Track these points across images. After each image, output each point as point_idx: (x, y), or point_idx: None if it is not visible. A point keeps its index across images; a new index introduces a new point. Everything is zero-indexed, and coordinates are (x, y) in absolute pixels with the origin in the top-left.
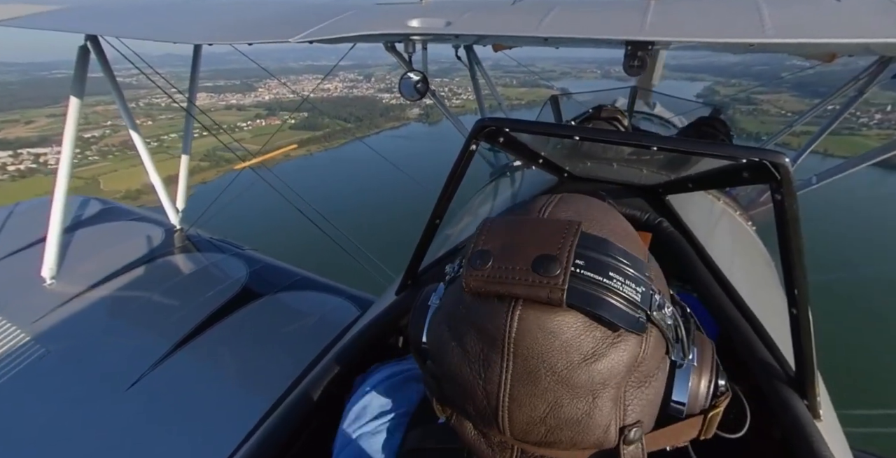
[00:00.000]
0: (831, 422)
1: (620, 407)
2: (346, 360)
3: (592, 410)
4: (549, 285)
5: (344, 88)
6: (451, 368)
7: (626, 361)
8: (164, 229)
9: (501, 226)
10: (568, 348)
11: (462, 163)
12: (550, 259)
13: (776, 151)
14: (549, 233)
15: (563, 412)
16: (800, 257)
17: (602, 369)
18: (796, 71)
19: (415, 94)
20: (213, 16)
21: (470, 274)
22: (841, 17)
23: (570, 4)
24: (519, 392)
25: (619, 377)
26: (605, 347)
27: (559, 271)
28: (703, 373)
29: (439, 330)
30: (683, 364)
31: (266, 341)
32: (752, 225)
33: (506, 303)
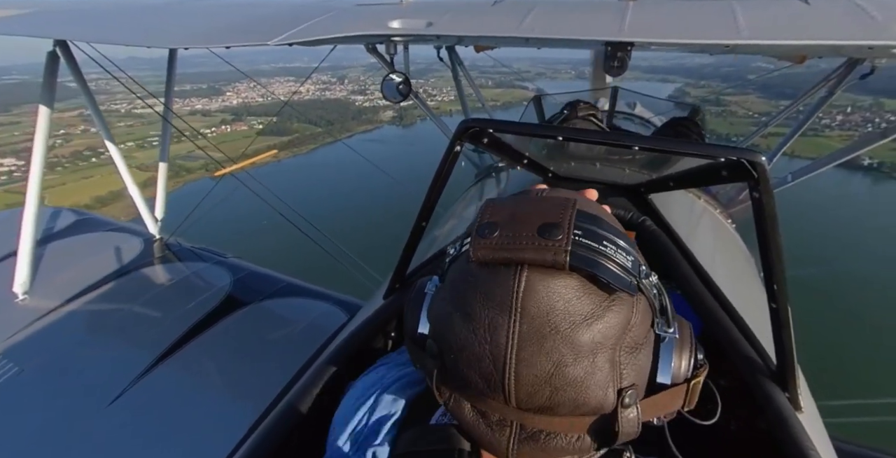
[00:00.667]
0: (812, 413)
1: (617, 370)
2: (334, 366)
3: (593, 369)
4: (554, 248)
5: (317, 91)
6: (456, 338)
7: (620, 322)
8: (143, 239)
9: (505, 202)
10: (570, 308)
11: (447, 164)
12: (554, 226)
13: (753, 151)
14: (550, 206)
15: (566, 372)
16: (778, 252)
17: (601, 329)
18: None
19: (397, 95)
20: (188, 19)
21: (478, 244)
22: (811, 20)
23: (550, 5)
24: (525, 352)
25: (615, 339)
26: (602, 309)
27: (562, 236)
28: (684, 347)
29: (443, 307)
30: (666, 338)
31: (252, 350)
32: (732, 223)
33: (512, 268)
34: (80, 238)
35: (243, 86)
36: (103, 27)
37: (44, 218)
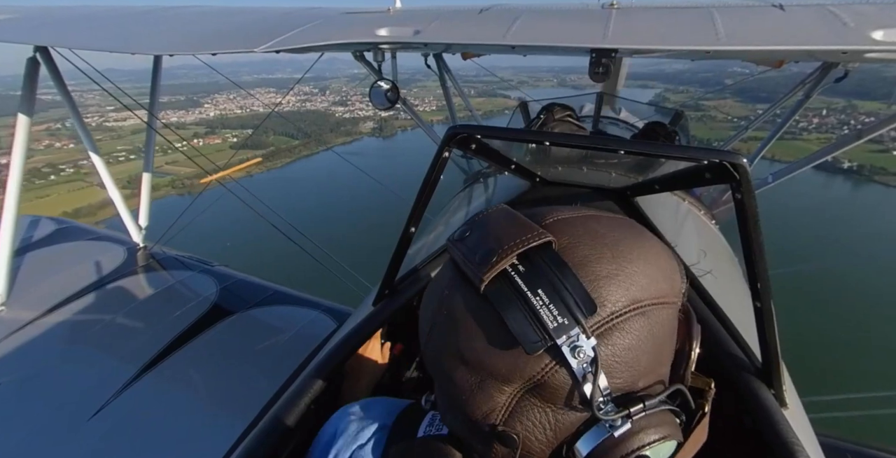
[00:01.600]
0: (797, 409)
1: (507, 408)
2: (324, 375)
3: (477, 392)
4: (478, 272)
5: (297, 102)
6: (420, 328)
7: (515, 369)
8: (126, 247)
9: (501, 214)
10: (471, 330)
11: (435, 170)
12: (493, 252)
13: (734, 153)
14: (518, 230)
15: (456, 376)
16: (761, 252)
17: (491, 364)
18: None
19: (385, 102)
20: (174, 26)
21: (451, 243)
22: (787, 26)
23: (536, 13)
24: (434, 336)
25: (507, 381)
26: (498, 347)
27: (491, 263)
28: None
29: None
30: (608, 423)
31: (239, 359)
32: (716, 223)
33: (458, 272)
34: (60, 247)
35: (222, 97)
36: (86, 33)
37: (22, 227)
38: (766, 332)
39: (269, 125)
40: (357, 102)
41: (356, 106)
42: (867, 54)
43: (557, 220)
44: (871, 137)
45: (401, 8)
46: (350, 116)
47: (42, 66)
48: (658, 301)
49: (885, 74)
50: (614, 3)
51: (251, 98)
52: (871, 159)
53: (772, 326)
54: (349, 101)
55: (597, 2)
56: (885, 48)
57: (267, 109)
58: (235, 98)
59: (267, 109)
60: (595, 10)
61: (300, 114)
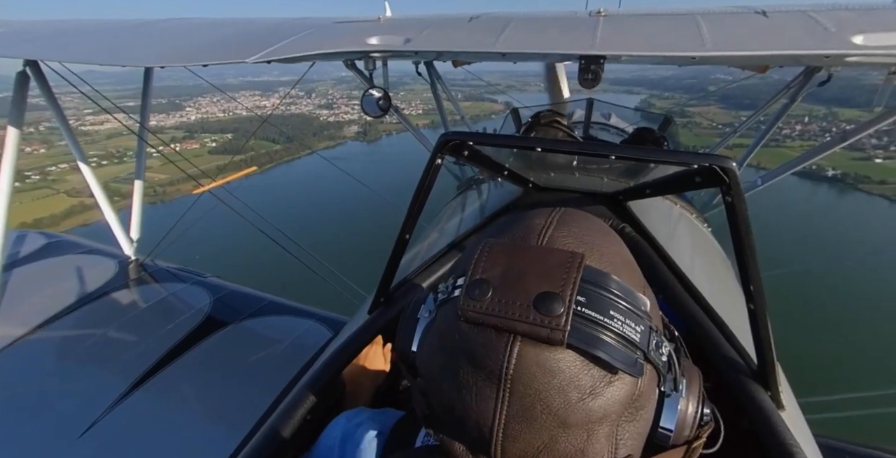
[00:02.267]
0: (793, 411)
1: (613, 442)
2: (320, 385)
3: (586, 447)
4: (551, 326)
5: (282, 105)
6: (445, 394)
7: (621, 399)
8: (118, 260)
9: (501, 253)
10: (566, 387)
11: (428, 177)
12: (553, 298)
13: (724, 157)
14: (552, 266)
15: (557, 449)
16: (752, 254)
17: (598, 408)
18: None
19: (377, 110)
20: (164, 38)
21: (468, 305)
22: (771, 32)
23: (525, 21)
24: (514, 429)
25: (616, 414)
26: (602, 385)
27: (562, 311)
28: (691, 402)
29: (433, 353)
30: (671, 395)
31: (233, 371)
32: (708, 226)
33: (504, 337)
34: (49, 262)
35: (206, 100)
36: (76, 47)
37: (9, 241)
38: (760, 334)
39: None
40: (343, 106)
41: (341, 109)
42: (848, 58)
43: (559, 236)
44: (854, 142)
45: (391, 17)
46: (335, 119)
47: (32, 80)
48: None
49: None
50: (601, 10)
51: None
52: (855, 167)
53: (766, 327)
54: (335, 104)
55: (584, 10)
56: (865, 52)
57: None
58: (219, 101)
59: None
60: (583, 18)
61: (284, 117)
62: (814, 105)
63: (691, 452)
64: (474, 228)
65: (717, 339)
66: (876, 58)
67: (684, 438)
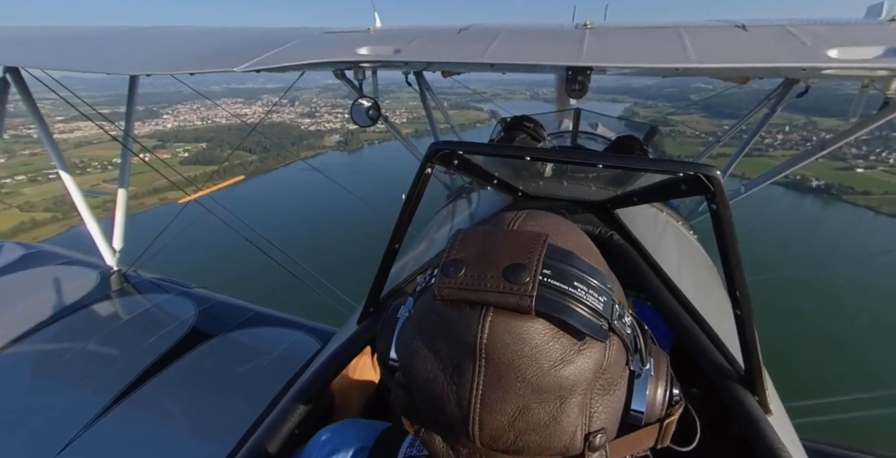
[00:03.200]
0: (780, 415)
1: (586, 414)
2: (308, 398)
3: (559, 415)
4: (519, 293)
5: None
6: (424, 376)
7: (591, 367)
8: (99, 271)
9: (474, 236)
10: (537, 354)
11: (418, 186)
12: (520, 267)
13: (708, 166)
14: (520, 243)
15: (531, 417)
16: (738, 261)
17: (569, 376)
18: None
19: (367, 120)
20: (150, 46)
21: (443, 282)
22: (751, 45)
23: (513, 32)
24: (490, 398)
25: (586, 384)
26: (571, 354)
27: (528, 279)
28: (660, 383)
29: (411, 340)
30: (641, 374)
31: (219, 384)
32: (694, 234)
33: (477, 310)
34: (27, 273)
35: (185, 108)
36: (59, 53)
37: None
38: (747, 339)
39: (227, 138)
40: (325, 114)
41: (324, 118)
42: (824, 71)
43: (527, 225)
44: (835, 152)
45: (381, 27)
46: (316, 128)
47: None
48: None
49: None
50: (587, 23)
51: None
52: (838, 177)
53: (752, 333)
54: (317, 112)
55: (571, 22)
56: (839, 65)
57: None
58: (199, 109)
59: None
60: (569, 30)
61: (263, 126)
62: (793, 114)
63: (664, 430)
64: None
65: (705, 345)
66: (850, 71)
67: (656, 416)
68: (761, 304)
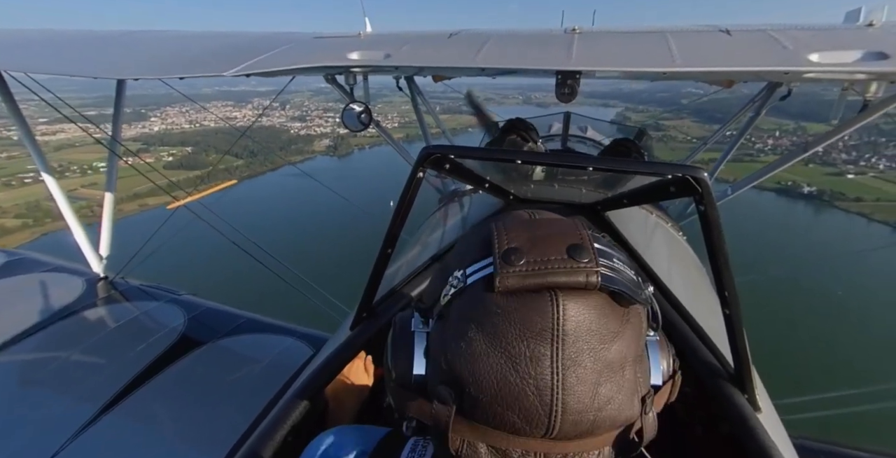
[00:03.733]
0: (770, 412)
1: (637, 379)
2: (301, 405)
3: (624, 383)
4: (586, 270)
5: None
6: (489, 378)
7: (636, 334)
8: (86, 278)
9: (516, 226)
10: (602, 328)
11: (410, 191)
12: (579, 247)
13: (696, 167)
14: (564, 228)
15: (604, 390)
16: (726, 261)
17: (626, 343)
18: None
19: (358, 124)
20: (139, 49)
21: (506, 272)
22: (735, 49)
23: (503, 37)
24: (570, 380)
25: (634, 353)
26: (623, 324)
27: (589, 258)
28: (662, 346)
29: (462, 345)
30: (651, 341)
31: (210, 392)
32: (683, 235)
33: (544, 295)
34: (11, 281)
35: (174, 110)
36: (44, 57)
37: None
38: (736, 338)
39: (214, 142)
40: (316, 118)
41: (315, 122)
42: (805, 75)
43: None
44: (818, 153)
45: (371, 32)
46: (306, 132)
47: None
48: None
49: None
50: (576, 28)
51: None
52: (830, 183)
53: (741, 332)
54: (308, 116)
55: (560, 28)
56: (820, 69)
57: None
58: (188, 111)
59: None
60: (559, 35)
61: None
62: (783, 120)
63: (674, 386)
64: (456, 240)
65: (696, 344)
66: (830, 74)
67: (668, 375)
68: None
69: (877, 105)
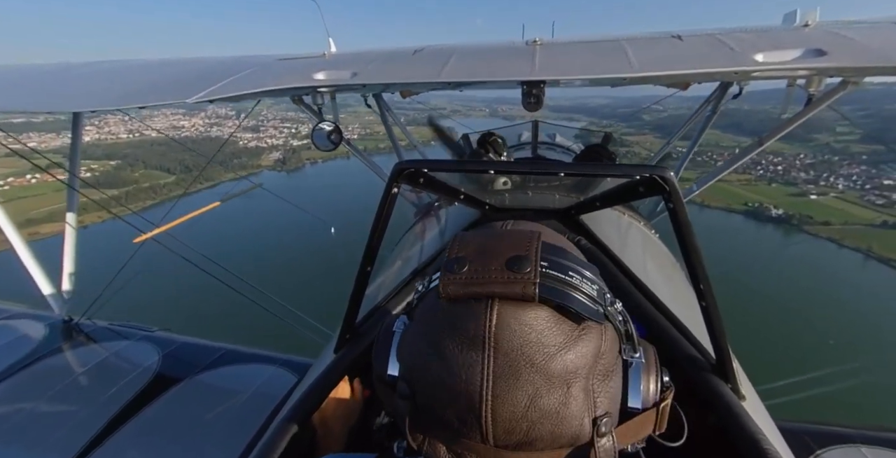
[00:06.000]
0: (753, 399)
1: (591, 398)
2: (288, 434)
3: (568, 399)
4: (523, 281)
5: (204, 126)
6: (431, 377)
7: (591, 351)
8: (48, 323)
9: (472, 236)
10: (543, 339)
11: (385, 207)
12: (522, 258)
13: (661, 167)
14: (516, 239)
15: (542, 404)
16: (697, 254)
17: (573, 359)
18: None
19: (329, 144)
20: (95, 81)
21: (447, 279)
22: (687, 53)
23: (467, 51)
24: (501, 388)
25: (587, 368)
26: (573, 339)
27: (529, 269)
28: (651, 371)
29: (415, 346)
30: (633, 363)
31: (190, 431)
32: (655, 232)
33: (483, 302)
34: None
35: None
36: None
37: None
38: (715, 329)
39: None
40: (271, 129)
41: (268, 132)
42: (753, 73)
43: (512, 225)
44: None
45: (336, 52)
46: (255, 144)
47: None
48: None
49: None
50: (537, 40)
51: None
52: (794, 205)
53: (719, 322)
54: (263, 126)
55: (521, 40)
56: (765, 67)
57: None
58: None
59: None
60: (521, 47)
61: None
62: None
63: (661, 414)
64: (436, 253)
65: (677, 339)
66: (775, 72)
67: (651, 401)
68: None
69: (820, 98)
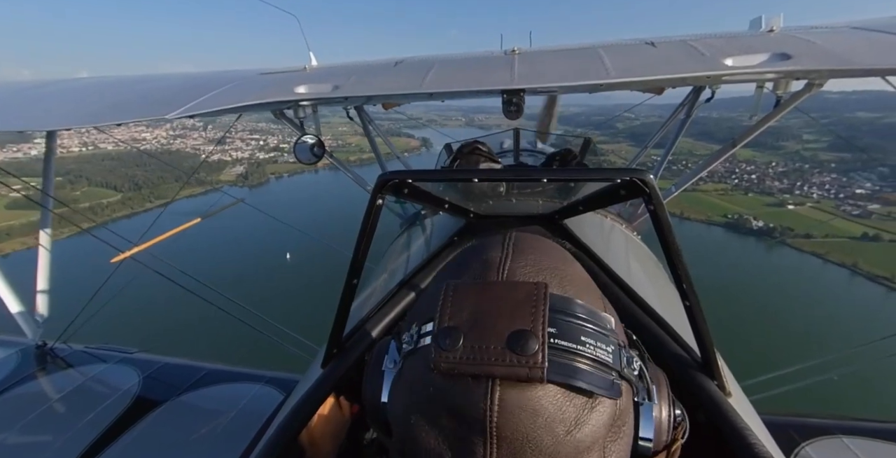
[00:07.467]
0: (739, 395)
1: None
2: (276, 454)
3: None
4: (529, 365)
5: (168, 137)
6: (426, 451)
7: (605, 422)
8: (19, 349)
9: (465, 295)
10: (552, 423)
11: (370, 219)
12: (526, 335)
13: (641, 170)
14: (518, 302)
15: None
16: (679, 254)
17: (585, 437)
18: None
19: (311, 157)
20: (70, 98)
21: (440, 356)
22: (660, 59)
23: (447, 62)
24: None
25: (602, 439)
26: (585, 414)
27: (537, 348)
28: (663, 406)
29: (406, 410)
30: (644, 403)
31: (174, 454)
32: (638, 234)
33: (482, 383)
34: None
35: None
36: None
37: None
38: (699, 327)
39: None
40: (237, 141)
41: (234, 145)
42: (724, 78)
43: (518, 267)
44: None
45: (317, 66)
46: (218, 157)
47: None
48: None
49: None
50: (515, 49)
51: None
52: (773, 216)
53: (703, 321)
54: (229, 138)
55: (500, 49)
56: (735, 72)
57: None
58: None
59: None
60: (500, 57)
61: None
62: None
63: (672, 455)
64: (423, 263)
65: (664, 339)
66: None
67: (663, 442)
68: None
69: (788, 101)
